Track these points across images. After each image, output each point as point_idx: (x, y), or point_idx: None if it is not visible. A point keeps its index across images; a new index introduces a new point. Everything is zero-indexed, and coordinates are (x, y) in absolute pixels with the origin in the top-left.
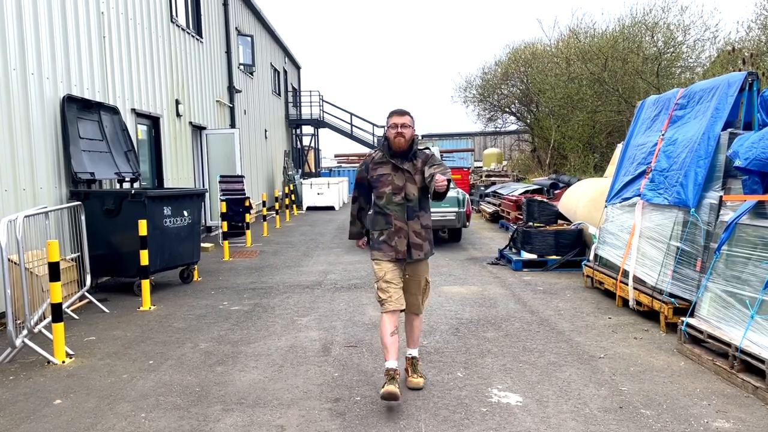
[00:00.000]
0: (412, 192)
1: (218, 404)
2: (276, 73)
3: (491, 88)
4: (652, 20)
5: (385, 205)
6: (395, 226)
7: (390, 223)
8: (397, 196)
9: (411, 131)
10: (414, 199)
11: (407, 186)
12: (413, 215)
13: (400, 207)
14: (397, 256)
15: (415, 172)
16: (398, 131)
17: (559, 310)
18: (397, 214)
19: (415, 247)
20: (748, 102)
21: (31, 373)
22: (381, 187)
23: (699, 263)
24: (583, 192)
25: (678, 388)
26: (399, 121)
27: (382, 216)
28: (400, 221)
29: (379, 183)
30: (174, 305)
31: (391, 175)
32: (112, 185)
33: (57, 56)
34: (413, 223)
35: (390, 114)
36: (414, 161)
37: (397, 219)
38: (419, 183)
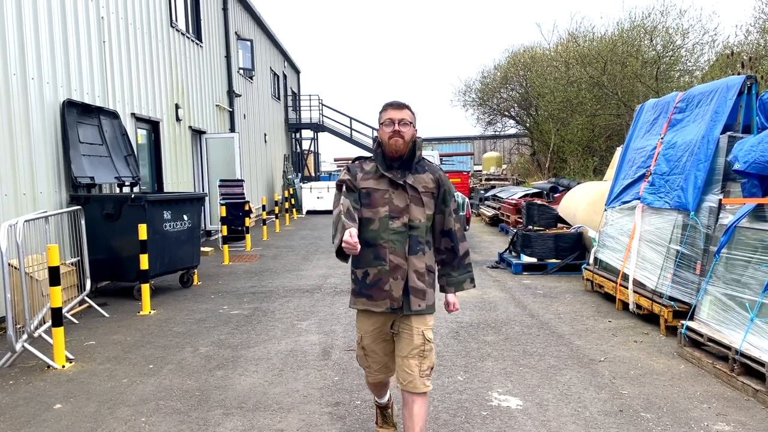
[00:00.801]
0: (418, 217)
1: (218, 408)
2: (275, 77)
3: (490, 92)
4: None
5: (379, 233)
6: (390, 264)
7: (383, 259)
8: (395, 222)
9: (412, 130)
10: (420, 228)
11: (411, 209)
12: (417, 249)
13: (400, 237)
14: (392, 306)
15: (424, 190)
16: (395, 130)
17: (559, 314)
18: (395, 246)
19: (416, 294)
20: (746, 105)
21: (31, 378)
22: (373, 206)
23: (699, 266)
24: (582, 195)
25: (678, 392)
26: (396, 116)
27: (372, 249)
28: (397, 257)
29: (371, 201)
30: (174, 309)
31: (389, 192)
32: (112, 189)
33: (57, 61)
34: (416, 260)
35: (383, 107)
36: (420, 173)
37: (393, 253)
38: (429, 206)
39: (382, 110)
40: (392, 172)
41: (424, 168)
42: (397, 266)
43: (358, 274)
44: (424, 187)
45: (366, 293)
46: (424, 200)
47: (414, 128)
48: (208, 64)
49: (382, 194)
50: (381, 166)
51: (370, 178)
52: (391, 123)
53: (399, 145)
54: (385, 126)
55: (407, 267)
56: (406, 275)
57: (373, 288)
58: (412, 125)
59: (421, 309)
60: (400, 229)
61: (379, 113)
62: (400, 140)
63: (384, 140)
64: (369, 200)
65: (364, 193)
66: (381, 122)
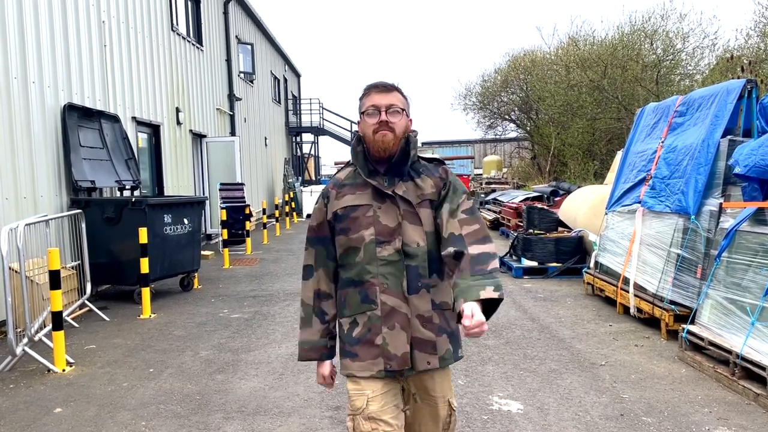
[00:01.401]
0: (415, 240)
1: (219, 412)
2: (276, 81)
3: (491, 96)
4: (652, 28)
5: (364, 265)
6: (383, 307)
7: (373, 301)
8: (385, 248)
9: (404, 121)
10: (419, 253)
11: (405, 228)
12: (418, 284)
13: (393, 269)
14: (389, 367)
15: (420, 200)
16: (382, 120)
17: (560, 318)
18: (387, 282)
19: (423, 348)
20: (747, 109)
21: (32, 382)
22: (353, 230)
23: (699, 270)
24: (583, 199)
25: (679, 396)
26: (382, 101)
27: (357, 288)
28: (392, 296)
29: (350, 223)
30: (174, 313)
31: (372, 207)
32: (113, 193)
33: (58, 64)
34: (419, 301)
35: (365, 91)
36: (416, 179)
37: (386, 292)
38: (428, 223)
39: (363, 95)
40: (377, 179)
41: (419, 172)
42: (392, 310)
43: (345, 325)
44: (420, 196)
45: (351, 352)
46: (422, 215)
47: (407, 118)
48: (209, 68)
49: (364, 212)
50: (362, 171)
51: (346, 192)
52: (375, 111)
53: (387, 141)
54: (368, 116)
55: (408, 311)
56: (409, 323)
57: (360, 344)
58: (405, 114)
59: (431, 367)
60: (392, 257)
61: (360, 99)
62: (389, 134)
63: (367, 135)
64: (347, 224)
65: (340, 215)
66: (362, 111)
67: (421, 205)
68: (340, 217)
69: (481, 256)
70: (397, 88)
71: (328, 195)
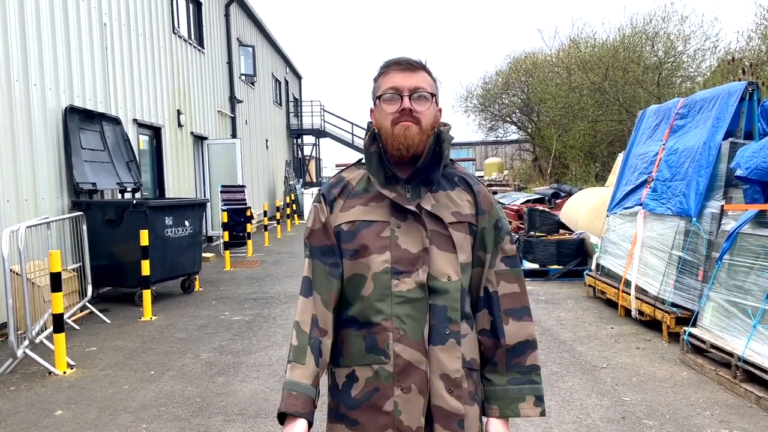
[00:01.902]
0: (446, 271)
1: (219, 415)
2: (277, 83)
3: (492, 98)
4: (653, 30)
5: (373, 302)
6: (397, 362)
7: (383, 352)
8: (404, 280)
9: (434, 110)
10: (450, 290)
11: (433, 255)
12: (445, 331)
13: (413, 309)
14: None
15: (456, 220)
16: (404, 108)
17: (561, 320)
18: (405, 327)
19: (446, 423)
20: (748, 111)
21: (33, 384)
22: (361, 254)
23: (701, 272)
24: (584, 201)
25: (681, 399)
26: (405, 82)
27: (362, 332)
28: (410, 347)
29: (358, 244)
30: (175, 315)
31: (389, 225)
32: (114, 195)
33: (60, 67)
34: (444, 355)
35: (382, 68)
36: (450, 191)
37: (402, 341)
38: (465, 249)
39: (380, 73)
40: (397, 189)
41: (453, 179)
42: (408, 366)
43: (339, 377)
44: (457, 214)
45: (349, 417)
46: (457, 239)
47: (437, 106)
48: (210, 70)
49: (378, 230)
50: (377, 178)
51: (356, 202)
52: (396, 96)
53: (411, 136)
54: (386, 102)
55: (428, 368)
56: (429, 384)
57: (361, 408)
58: (434, 101)
59: None
60: (412, 294)
61: (375, 80)
62: (413, 127)
63: (383, 128)
64: (354, 244)
65: (345, 232)
66: (378, 95)
67: (457, 226)
68: (346, 235)
69: (518, 346)
70: (425, 67)
71: (333, 202)
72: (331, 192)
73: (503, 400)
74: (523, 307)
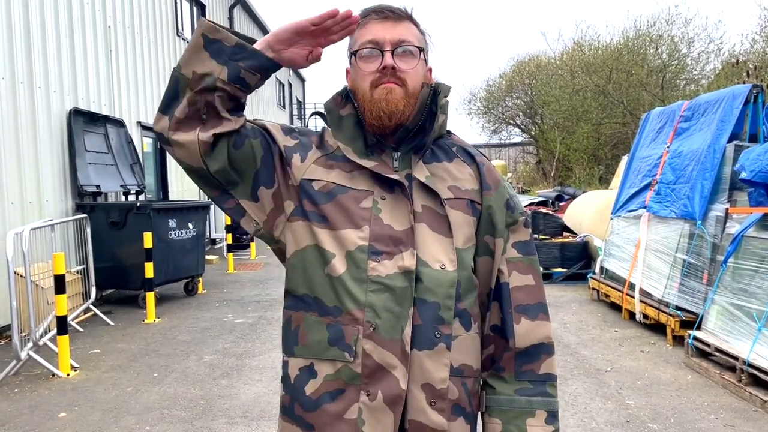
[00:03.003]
0: (439, 258)
1: (222, 417)
2: (281, 85)
3: (496, 101)
4: (657, 33)
5: (344, 284)
6: (365, 362)
7: (348, 348)
8: (383, 263)
9: (421, 68)
10: (443, 283)
11: (423, 237)
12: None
13: (392, 300)
14: None
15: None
16: (386, 65)
17: (565, 323)
18: (379, 321)
19: None
20: (753, 114)
21: (36, 386)
22: (334, 224)
23: (705, 276)
24: (588, 204)
25: (685, 402)
26: (386, 34)
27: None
28: (382, 347)
29: (331, 210)
30: (178, 318)
31: (372, 194)
32: (118, 198)
33: (64, 70)
34: (431, 361)
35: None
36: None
37: (373, 338)
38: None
39: (359, 25)
40: (382, 158)
41: (451, 149)
42: (378, 369)
43: (292, 368)
44: (454, 189)
45: (304, 419)
46: (454, 219)
47: (427, 65)
48: None
49: (357, 199)
50: (353, 147)
51: (339, 165)
52: (375, 51)
53: (394, 100)
54: (363, 59)
55: (405, 376)
56: (401, 395)
57: (318, 411)
58: (423, 57)
59: None
60: (392, 281)
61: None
62: (397, 90)
63: (361, 91)
64: (327, 210)
65: (316, 192)
66: (354, 51)
67: (454, 203)
68: (316, 195)
69: (531, 350)
70: (411, 17)
71: (308, 144)
72: (309, 136)
73: (508, 413)
74: (538, 303)
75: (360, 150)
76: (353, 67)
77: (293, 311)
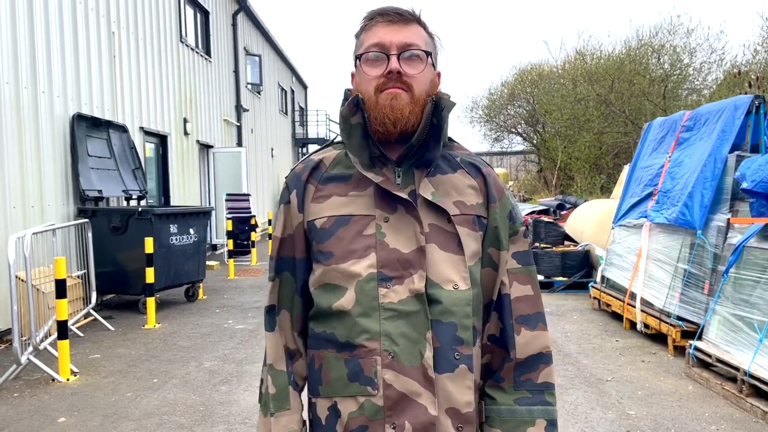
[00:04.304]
0: (451, 277)
1: (222, 424)
2: (283, 92)
3: (497, 109)
4: (659, 43)
5: (356, 318)
6: (387, 393)
7: (370, 381)
8: (395, 289)
9: (429, 73)
10: (459, 302)
11: (433, 257)
12: (453, 355)
13: (408, 326)
14: None
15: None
16: (392, 69)
17: (566, 332)
18: (397, 348)
19: None
20: (755, 125)
21: (36, 391)
22: (339, 257)
23: (707, 286)
24: (589, 213)
25: (686, 413)
26: (393, 37)
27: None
28: (405, 375)
29: (334, 245)
30: (179, 323)
31: (374, 219)
32: (120, 203)
33: (68, 75)
34: (453, 384)
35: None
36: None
37: (393, 367)
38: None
39: (363, 27)
40: (384, 172)
41: (454, 160)
42: (403, 399)
43: (321, 410)
44: (460, 205)
45: None
46: (463, 235)
47: (435, 69)
48: (217, 79)
49: (360, 227)
50: (359, 158)
51: (332, 189)
52: (381, 55)
53: (399, 107)
54: (368, 63)
55: (433, 402)
56: (431, 422)
57: None
58: (431, 62)
59: None
60: (406, 306)
61: (356, 35)
62: (403, 95)
63: (366, 96)
64: (330, 245)
65: (319, 231)
66: (359, 54)
67: (461, 219)
68: (319, 233)
69: (530, 360)
70: (419, 19)
71: (303, 191)
72: (299, 180)
73: (508, 423)
74: (537, 314)
75: (366, 163)
76: (358, 70)
77: (315, 350)
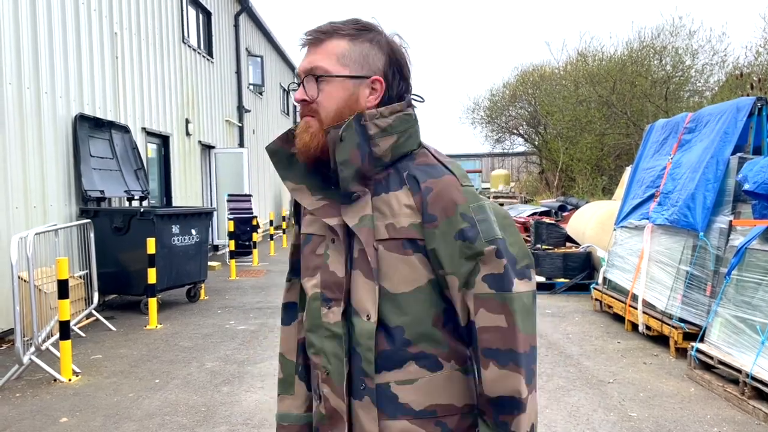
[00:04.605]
0: (366, 307)
1: (224, 425)
2: (285, 92)
3: (499, 110)
4: (661, 44)
5: (307, 332)
6: (326, 405)
7: (316, 391)
8: (332, 309)
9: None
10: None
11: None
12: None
13: (337, 347)
14: None
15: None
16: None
17: (568, 334)
18: (330, 366)
19: None
20: (757, 127)
21: (38, 391)
22: (303, 273)
23: (709, 288)
24: (591, 214)
25: (688, 415)
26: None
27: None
28: (334, 393)
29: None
30: (180, 324)
31: (325, 240)
32: (122, 203)
33: (70, 75)
34: (363, 413)
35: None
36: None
37: (328, 383)
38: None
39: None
40: (333, 193)
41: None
42: (334, 415)
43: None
44: (390, 227)
45: None
46: (387, 261)
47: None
48: (219, 80)
49: (314, 247)
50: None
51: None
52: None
53: (304, 138)
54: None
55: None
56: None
57: None
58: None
59: None
60: (337, 329)
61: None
62: (312, 122)
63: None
64: (301, 260)
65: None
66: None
67: (391, 245)
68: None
69: (501, 402)
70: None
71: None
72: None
73: None
74: (509, 351)
75: (317, 186)
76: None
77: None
